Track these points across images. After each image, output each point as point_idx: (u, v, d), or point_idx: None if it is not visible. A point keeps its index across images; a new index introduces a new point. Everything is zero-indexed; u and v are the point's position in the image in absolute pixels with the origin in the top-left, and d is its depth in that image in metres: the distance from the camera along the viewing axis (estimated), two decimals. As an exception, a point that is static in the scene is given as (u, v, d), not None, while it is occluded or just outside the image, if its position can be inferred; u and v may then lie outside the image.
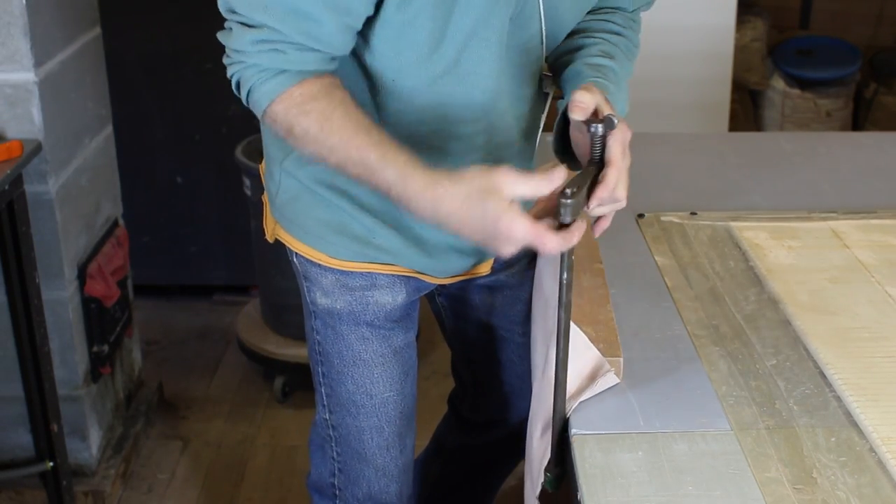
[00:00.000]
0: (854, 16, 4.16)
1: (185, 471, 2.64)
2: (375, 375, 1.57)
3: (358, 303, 1.52)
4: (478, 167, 1.19)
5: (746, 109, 4.07)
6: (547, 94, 1.50)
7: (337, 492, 1.67)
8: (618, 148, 1.21)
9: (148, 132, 3.26)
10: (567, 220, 1.13)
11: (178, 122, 3.26)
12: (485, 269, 1.61)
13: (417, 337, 1.67)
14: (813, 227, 1.72)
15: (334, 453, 1.64)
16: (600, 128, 1.20)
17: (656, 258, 1.62)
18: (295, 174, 1.47)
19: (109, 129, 2.60)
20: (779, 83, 4.05)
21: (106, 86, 2.59)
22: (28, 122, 2.16)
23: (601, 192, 1.20)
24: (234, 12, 1.27)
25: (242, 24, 1.26)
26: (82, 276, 2.38)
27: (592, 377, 1.29)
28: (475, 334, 1.76)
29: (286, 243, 1.56)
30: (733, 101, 3.57)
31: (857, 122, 4.16)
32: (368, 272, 1.50)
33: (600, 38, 1.45)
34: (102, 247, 2.49)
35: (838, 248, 1.65)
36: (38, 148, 2.14)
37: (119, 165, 2.70)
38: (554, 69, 1.46)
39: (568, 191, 1.12)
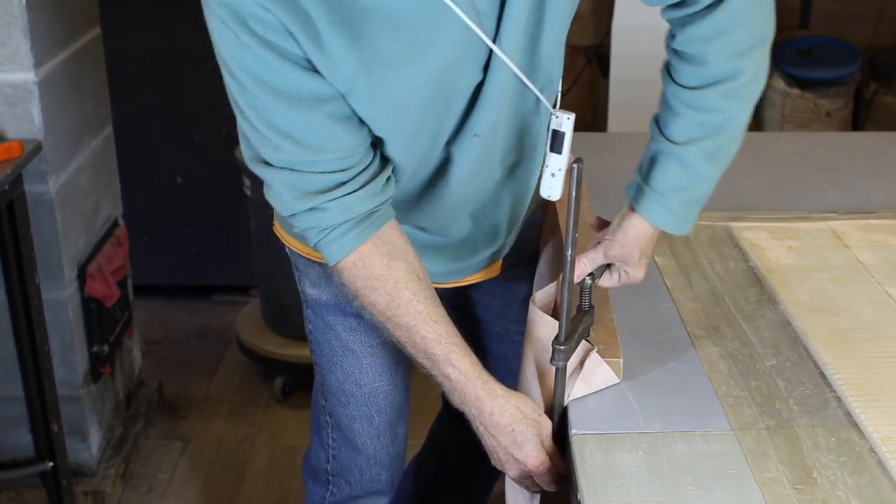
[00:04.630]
0: (854, 16, 4.15)
1: (185, 471, 2.64)
2: (364, 365, 1.58)
3: (343, 295, 1.52)
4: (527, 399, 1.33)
5: (746, 109, 4.06)
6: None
7: (330, 478, 1.68)
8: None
9: (148, 132, 3.26)
10: (559, 364, 1.26)
11: (178, 122, 3.26)
12: (494, 271, 1.61)
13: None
14: (813, 227, 1.72)
15: (329, 439, 1.66)
16: (588, 279, 1.32)
17: (656, 259, 1.62)
18: None
19: (109, 129, 2.60)
20: (779, 83, 4.04)
21: (106, 86, 2.58)
22: (28, 122, 2.16)
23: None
24: (265, 164, 1.26)
25: (271, 185, 1.26)
26: (82, 276, 2.38)
27: (580, 363, 1.30)
28: (473, 330, 1.76)
29: (279, 236, 1.59)
30: (733, 101, 3.56)
31: (857, 122, 4.16)
32: None
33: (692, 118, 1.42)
34: (102, 247, 2.49)
35: (838, 248, 1.65)
36: (38, 148, 2.14)
37: (119, 165, 2.69)
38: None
39: (562, 337, 1.25)
